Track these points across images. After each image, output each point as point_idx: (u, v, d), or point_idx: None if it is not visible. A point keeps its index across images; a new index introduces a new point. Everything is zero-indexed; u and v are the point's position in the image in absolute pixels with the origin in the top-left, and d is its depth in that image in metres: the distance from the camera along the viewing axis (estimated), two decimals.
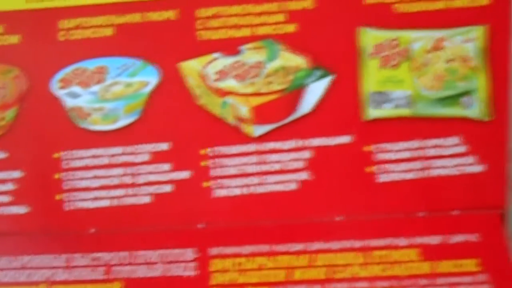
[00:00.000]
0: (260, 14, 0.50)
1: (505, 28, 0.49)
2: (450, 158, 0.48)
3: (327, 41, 0.49)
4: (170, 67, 0.50)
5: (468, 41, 0.49)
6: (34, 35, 0.51)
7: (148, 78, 0.50)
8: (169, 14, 0.50)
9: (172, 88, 0.50)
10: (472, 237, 0.47)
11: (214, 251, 0.48)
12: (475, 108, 0.49)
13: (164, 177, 0.50)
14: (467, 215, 0.48)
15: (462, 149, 0.49)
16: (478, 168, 0.48)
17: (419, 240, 0.47)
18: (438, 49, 0.49)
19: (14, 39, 0.51)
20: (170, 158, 0.50)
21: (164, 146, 0.50)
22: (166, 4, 0.51)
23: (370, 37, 0.50)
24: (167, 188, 0.50)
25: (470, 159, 0.49)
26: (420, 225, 0.47)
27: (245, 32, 0.50)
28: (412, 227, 0.47)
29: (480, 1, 0.49)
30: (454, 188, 0.48)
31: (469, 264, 0.46)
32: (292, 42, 0.50)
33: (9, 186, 0.50)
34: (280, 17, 0.50)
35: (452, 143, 0.49)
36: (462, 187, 0.48)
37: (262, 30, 0.50)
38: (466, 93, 0.49)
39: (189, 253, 0.48)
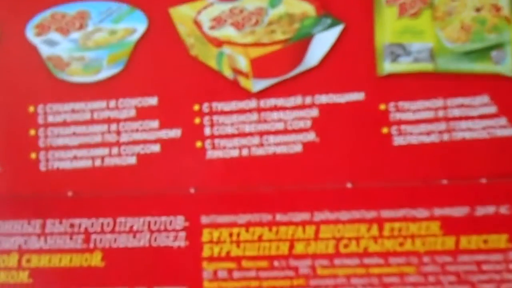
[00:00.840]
0: None
1: None
2: (478, 120, 0.42)
3: None
4: (160, 13, 0.44)
5: None
6: None
7: (135, 24, 0.45)
8: None
9: (161, 36, 0.44)
10: (502, 209, 0.41)
11: (206, 219, 0.43)
12: (507, 64, 0.43)
13: (151, 135, 0.44)
14: (496, 183, 0.42)
15: (491, 109, 0.43)
16: (509, 131, 0.42)
17: (441, 211, 0.41)
18: None
19: None
20: (158, 114, 0.44)
21: (151, 101, 0.44)
22: None
23: None
24: (155, 148, 0.44)
25: (500, 120, 0.42)
26: (441, 194, 0.42)
27: None
28: (433, 196, 0.42)
29: None
30: (482, 153, 0.42)
31: (499, 240, 0.40)
32: None
33: None
34: None
35: (480, 103, 0.43)
36: (490, 152, 0.42)
37: None
38: (496, 46, 0.43)
39: (179, 221, 0.43)
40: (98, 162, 0.44)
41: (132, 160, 0.44)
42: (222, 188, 0.43)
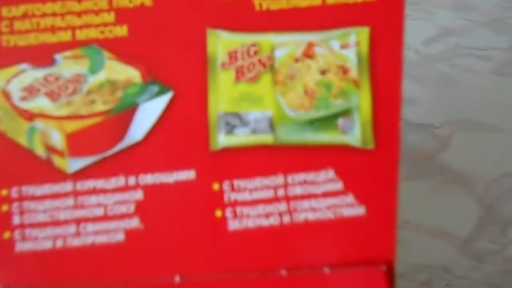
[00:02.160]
0: (83, 12, 0.39)
1: (393, 29, 0.39)
2: (322, 198, 0.38)
3: (167, 47, 0.38)
4: None
5: (347, 46, 0.39)
6: None
7: None
8: None
9: None
10: None
11: None
12: (354, 133, 0.38)
13: None
14: (341, 273, 0.37)
15: (337, 185, 0.38)
16: (357, 210, 0.38)
17: None
18: (308, 57, 0.39)
19: None
20: None
21: None
22: None
23: (222, 42, 0.39)
24: None
25: (347, 198, 0.38)
26: (281, 287, 0.37)
27: (64, 36, 0.39)
28: None
29: None
30: (326, 237, 0.38)
31: None
32: (123, 49, 0.39)
33: None
34: (109, 17, 0.39)
35: (325, 178, 0.38)
36: (336, 236, 0.38)
37: (85, 34, 0.39)
38: (343, 113, 0.39)
39: None
40: None
41: None
42: (33, 285, 0.38)
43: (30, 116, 0.39)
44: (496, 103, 0.93)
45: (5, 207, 0.38)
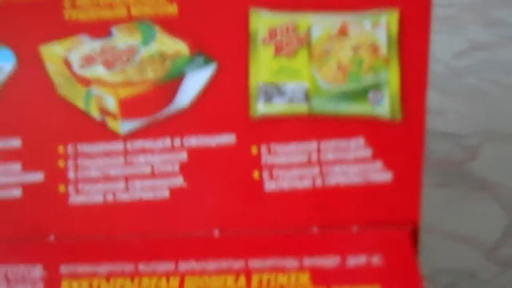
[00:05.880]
0: None
1: (421, 13, 0.41)
2: (352, 164, 0.41)
3: (213, 24, 0.42)
4: (30, 51, 0.43)
5: (378, 26, 0.42)
6: None
7: (2, 63, 0.43)
8: None
9: (29, 75, 0.42)
10: (374, 259, 0.39)
11: (65, 269, 0.40)
12: (383, 106, 0.41)
13: (13, 179, 0.42)
14: (368, 232, 0.40)
15: (367, 153, 0.41)
16: (385, 176, 0.40)
17: (311, 261, 0.39)
18: (342, 35, 0.42)
19: None
20: (21, 156, 0.42)
21: (15, 142, 0.42)
22: None
23: (263, 20, 0.42)
24: (16, 193, 0.42)
25: (376, 165, 0.41)
26: (312, 243, 0.39)
27: (120, 12, 0.43)
28: (303, 245, 0.39)
29: None
30: (355, 199, 0.40)
31: None
32: (173, 25, 0.42)
33: None
34: None
35: (355, 146, 0.41)
36: (364, 199, 0.40)
37: (139, 10, 0.43)
38: (374, 87, 0.41)
39: (36, 271, 0.40)
40: None
41: None
42: (84, 236, 0.41)
43: (87, 82, 0.42)
44: None
45: (61, 163, 0.42)
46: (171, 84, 0.42)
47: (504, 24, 1.19)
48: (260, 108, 0.42)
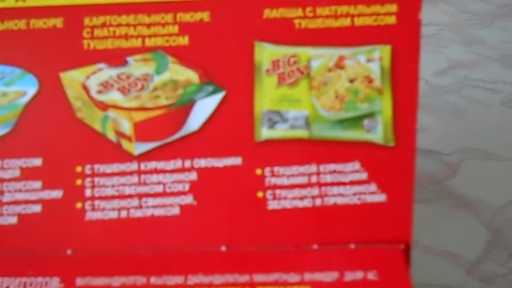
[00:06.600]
0: (152, 24, 0.47)
1: (411, 48, 0.45)
2: (349, 186, 0.44)
3: (221, 55, 0.46)
4: (51, 77, 0.46)
5: (372, 60, 0.46)
6: None
7: (25, 87, 0.46)
8: (56, 22, 0.47)
9: (50, 100, 0.46)
10: (369, 275, 0.42)
11: (81, 281, 0.43)
12: (378, 132, 0.45)
13: (33, 195, 0.45)
14: (364, 249, 0.43)
15: (362, 175, 0.44)
16: (379, 197, 0.44)
17: (311, 276, 0.42)
18: (339, 68, 0.46)
19: None
20: (41, 175, 0.45)
21: (36, 162, 0.45)
22: (52, 11, 0.47)
23: (267, 53, 0.46)
24: (36, 208, 0.45)
25: (371, 187, 0.44)
26: (312, 259, 0.43)
27: (135, 42, 0.47)
28: (304, 261, 0.43)
29: (386, 20, 0.46)
30: (352, 218, 0.44)
31: None
32: (184, 55, 0.46)
33: None
34: (174, 29, 0.47)
35: (352, 169, 0.44)
36: (360, 218, 0.44)
37: (153, 42, 0.47)
38: (368, 115, 0.45)
39: (54, 283, 0.43)
40: None
41: (13, 220, 0.44)
42: (99, 250, 0.44)
43: (104, 106, 0.46)
44: (504, 133, 0.97)
45: (79, 182, 0.45)
46: (182, 109, 0.45)
47: (483, 43, 1.23)
48: (264, 133, 0.45)
